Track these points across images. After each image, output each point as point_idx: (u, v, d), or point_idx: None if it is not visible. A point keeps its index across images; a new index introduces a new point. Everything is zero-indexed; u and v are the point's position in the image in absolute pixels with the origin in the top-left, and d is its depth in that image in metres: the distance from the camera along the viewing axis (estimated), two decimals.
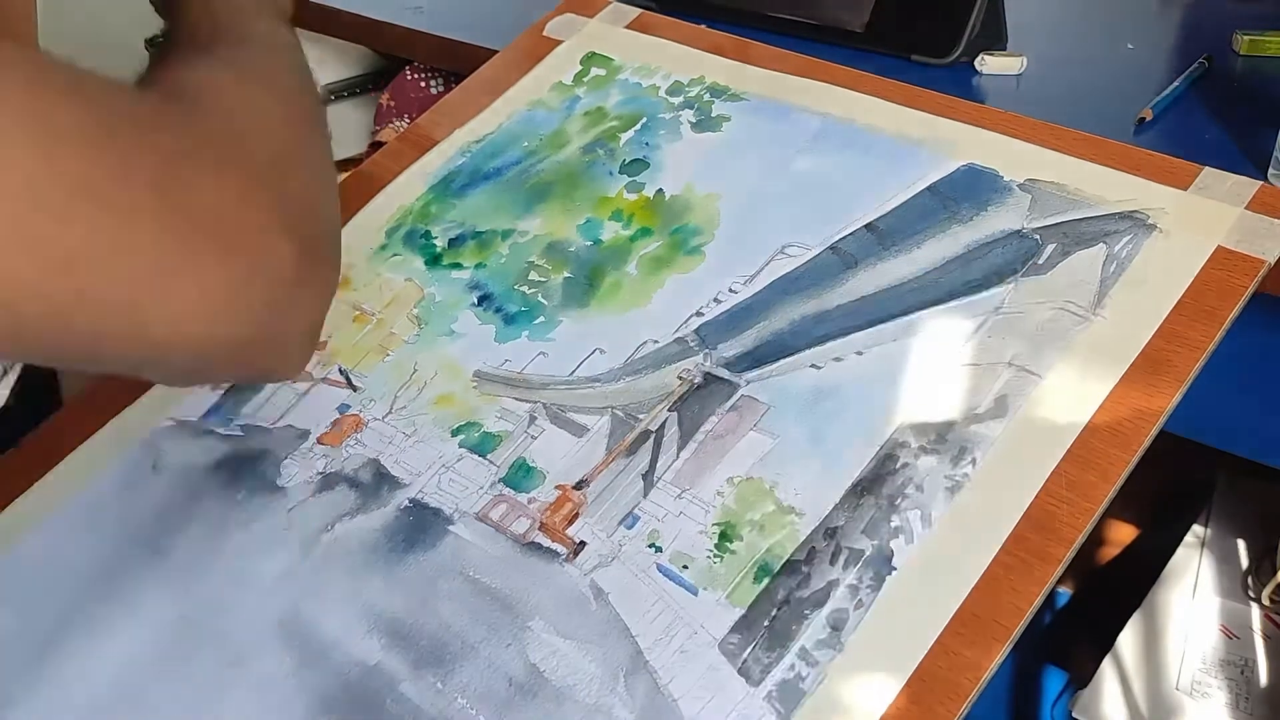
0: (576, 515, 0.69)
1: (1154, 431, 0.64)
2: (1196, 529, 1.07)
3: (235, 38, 0.60)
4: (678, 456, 0.70)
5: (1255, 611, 1.01)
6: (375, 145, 1.26)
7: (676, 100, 0.91)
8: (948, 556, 0.62)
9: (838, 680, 0.60)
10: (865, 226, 0.78)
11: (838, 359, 0.72)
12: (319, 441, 0.77)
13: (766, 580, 0.64)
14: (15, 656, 0.67)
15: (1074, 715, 0.97)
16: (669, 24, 0.97)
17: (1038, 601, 0.60)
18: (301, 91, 0.62)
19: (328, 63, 1.49)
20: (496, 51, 1.03)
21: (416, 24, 1.27)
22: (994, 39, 1.07)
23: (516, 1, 1.18)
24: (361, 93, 1.50)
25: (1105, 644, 0.99)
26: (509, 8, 1.20)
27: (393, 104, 1.35)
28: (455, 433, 0.75)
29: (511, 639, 0.65)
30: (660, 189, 0.85)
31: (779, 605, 0.63)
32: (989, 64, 1.05)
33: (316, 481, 0.74)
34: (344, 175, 1.11)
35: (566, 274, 0.82)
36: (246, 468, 0.75)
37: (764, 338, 0.74)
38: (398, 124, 1.32)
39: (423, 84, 1.35)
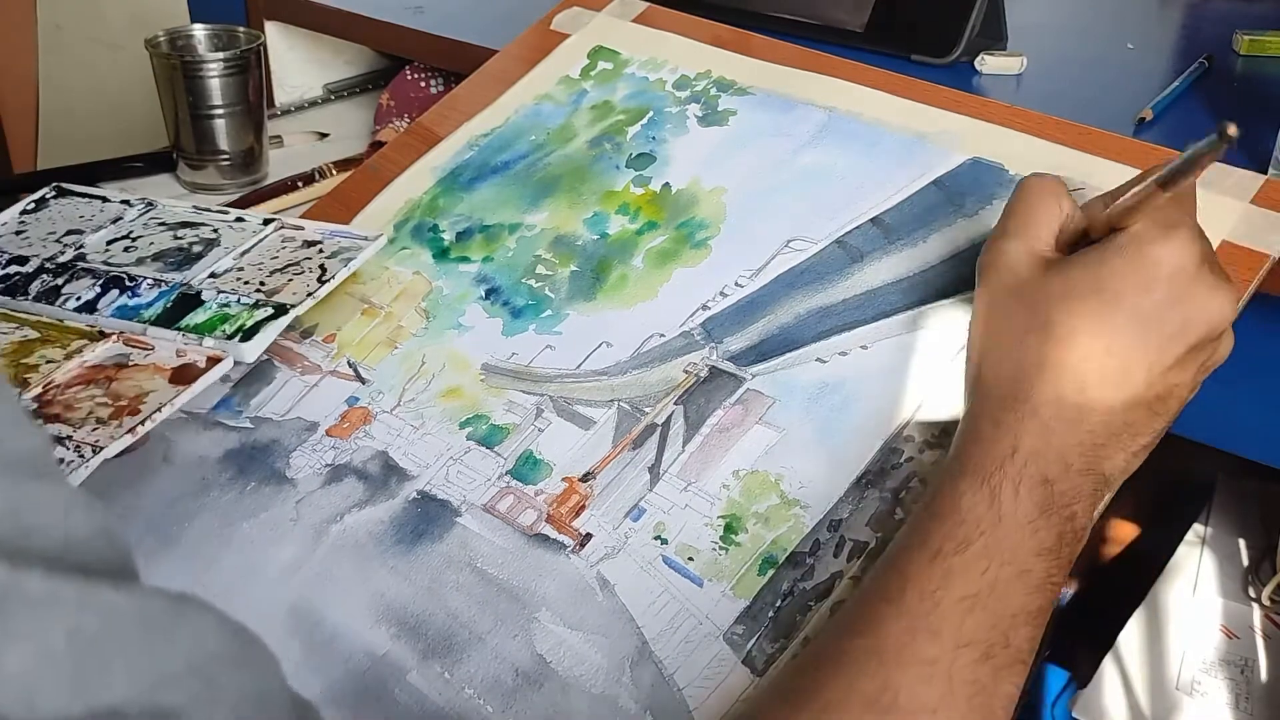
0: (583, 507, 0.70)
1: None
2: (1197, 527, 1.07)
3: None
4: (683, 449, 0.71)
5: (1255, 611, 1.01)
6: (375, 145, 1.27)
7: (683, 94, 0.91)
8: None
9: None
10: (871, 220, 0.78)
11: (843, 353, 0.72)
12: (328, 434, 0.77)
13: (771, 572, 0.64)
14: None
15: (1074, 714, 0.97)
16: (676, 18, 0.98)
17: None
18: None
19: (328, 63, 1.49)
20: (496, 51, 1.03)
21: (416, 24, 1.27)
22: (994, 39, 1.07)
23: (516, 1, 1.18)
24: (361, 93, 1.51)
25: (1106, 643, 0.99)
26: (509, 8, 1.20)
27: (393, 104, 1.36)
28: (463, 425, 0.75)
29: (518, 630, 0.65)
30: (666, 183, 0.85)
31: (783, 597, 0.63)
32: (989, 64, 1.05)
33: (325, 473, 0.74)
34: (347, 174, 1.12)
35: (573, 267, 0.82)
36: (255, 459, 0.75)
37: (769, 331, 0.75)
38: (398, 124, 1.32)
39: (423, 84, 1.35)
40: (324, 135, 1.40)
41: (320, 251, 0.83)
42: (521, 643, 0.64)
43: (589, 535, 0.68)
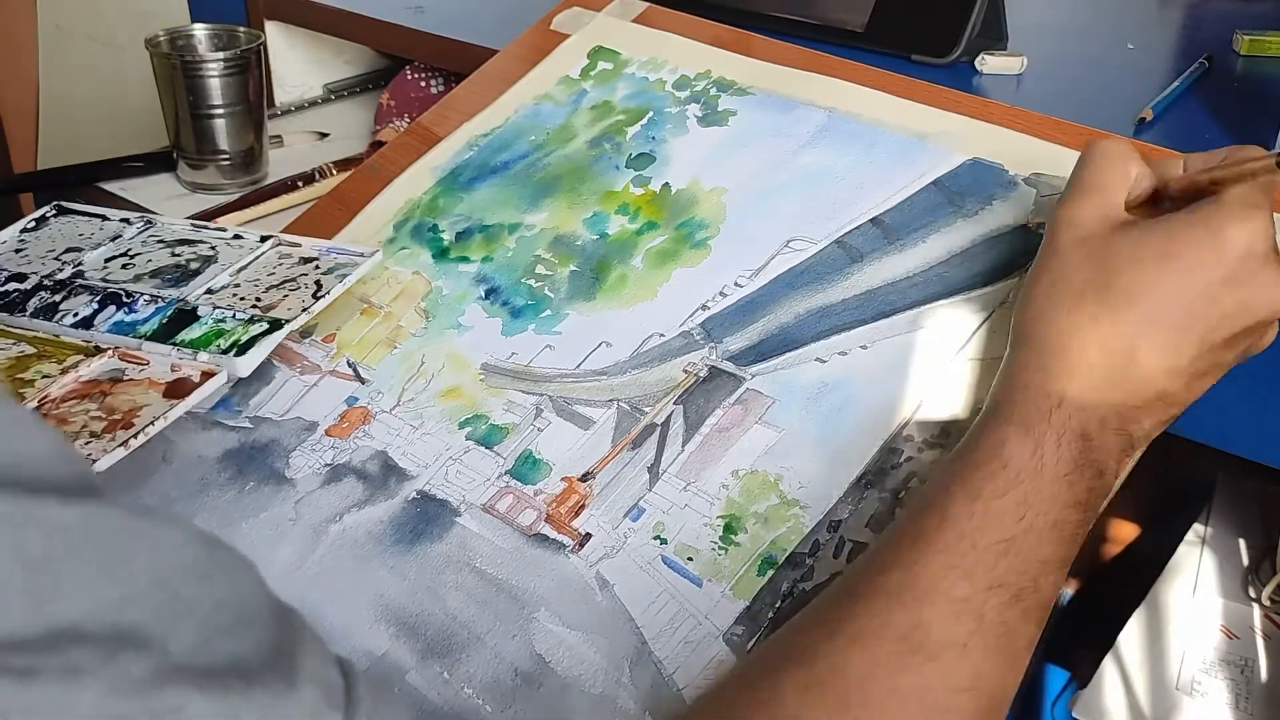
0: (582, 507, 0.69)
1: None
2: (1197, 527, 1.07)
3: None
4: (683, 449, 0.71)
5: (1255, 611, 1.01)
6: (375, 145, 1.27)
7: (683, 94, 0.91)
8: None
9: None
10: (870, 221, 0.78)
11: (842, 353, 0.72)
12: (327, 433, 0.77)
13: (770, 572, 0.64)
14: None
15: (1074, 714, 0.97)
16: (676, 18, 0.98)
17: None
18: None
19: (328, 63, 1.50)
20: (496, 51, 1.03)
21: (416, 24, 1.27)
22: (994, 39, 1.07)
23: (517, 1, 1.18)
24: (361, 93, 1.51)
25: (1107, 643, 0.99)
26: (509, 8, 1.20)
27: (393, 104, 1.36)
28: (462, 425, 0.75)
29: (518, 630, 0.65)
30: (666, 183, 0.85)
31: (783, 597, 0.63)
32: (989, 64, 1.05)
33: (324, 473, 0.74)
34: (346, 174, 1.12)
35: (573, 267, 0.82)
36: (255, 459, 0.75)
37: (769, 331, 0.75)
38: (398, 124, 1.32)
39: (423, 84, 1.36)
40: (324, 135, 1.40)
41: (316, 267, 0.83)
42: (521, 643, 0.64)
43: (588, 535, 0.68)
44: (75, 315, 0.80)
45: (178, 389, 0.72)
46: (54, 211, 0.92)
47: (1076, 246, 0.63)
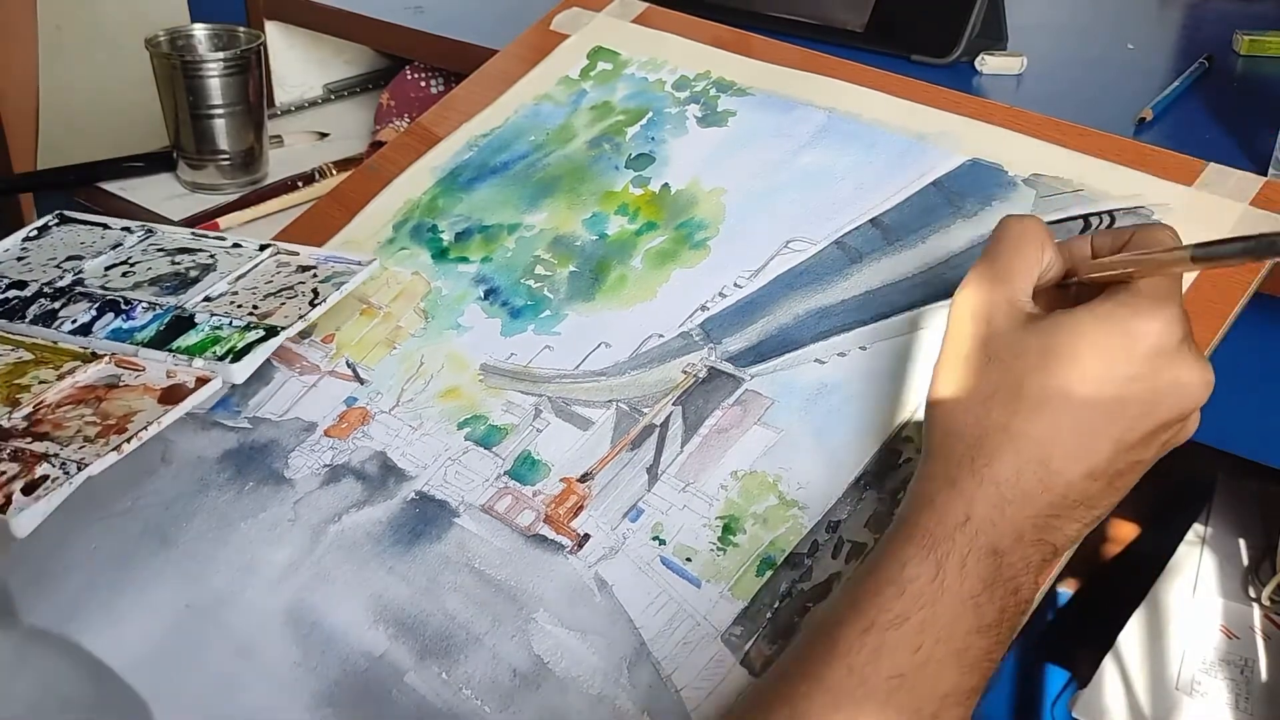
0: (581, 508, 0.69)
1: None
2: (1197, 527, 1.07)
3: None
4: (682, 450, 0.71)
5: (1255, 611, 1.01)
6: (375, 145, 1.27)
7: (682, 95, 0.91)
8: None
9: None
10: (870, 221, 0.78)
11: (841, 354, 0.72)
12: (326, 434, 0.77)
13: (769, 573, 0.64)
14: None
15: (1074, 714, 0.97)
16: (676, 18, 0.98)
17: (1037, 598, 0.60)
18: None
19: (328, 63, 1.50)
20: (496, 51, 1.03)
21: (416, 24, 1.27)
22: (994, 39, 1.07)
23: (517, 1, 1.18)
24: (361, 93, 1.51)
25: (1107, 642, 0.99)
26: (509, 8, 1.20)
27: (393, 104, 1.36)
28: (461, 425, 0.75)
29: (516, 630, 0.65)
30: (666, 183, 0.85)
31: (781, 598, 0.63)
32: (989, 64, 1.05)
33: (323, 474, 0.74)
34: (346, 174, 1.12)
35: (572, 268, 0.82)
36: (254, 460, 0.75)
37: (768, 332, 0.75)
38: (398, 123, 1.32)
39: (423, 84, 1.36)
40: (324, 135, 1.40)
41: (314, 276, 0.83)
42: (519, 643, 0.64)
43: (587, 536, 0.68)
44: (73, 322, 0.80)
45: (172, 395, 0.73)
46: (56, 220, 0.93)
47: (982, 344, 0.60)
